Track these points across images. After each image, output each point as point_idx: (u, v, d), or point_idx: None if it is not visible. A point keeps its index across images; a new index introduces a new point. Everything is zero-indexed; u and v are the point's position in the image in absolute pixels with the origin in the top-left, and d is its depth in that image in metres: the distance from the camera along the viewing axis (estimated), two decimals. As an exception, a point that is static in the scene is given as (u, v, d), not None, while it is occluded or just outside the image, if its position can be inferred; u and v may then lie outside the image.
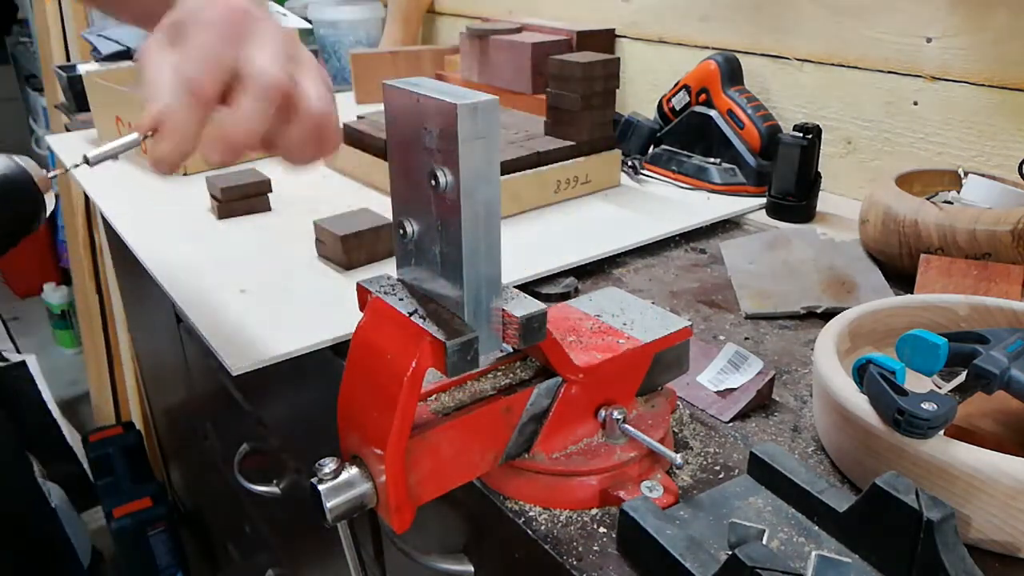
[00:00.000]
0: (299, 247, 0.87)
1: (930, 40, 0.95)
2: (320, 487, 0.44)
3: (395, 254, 0.48)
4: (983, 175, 0.84)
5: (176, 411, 1.64)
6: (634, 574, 0.45)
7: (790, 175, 0.95)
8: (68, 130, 1.49)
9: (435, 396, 0.50)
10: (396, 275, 0.48)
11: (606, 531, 0.48)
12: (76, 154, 0.88)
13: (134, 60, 0.48)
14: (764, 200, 1.00)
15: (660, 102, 1.14)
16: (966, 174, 0.86)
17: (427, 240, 0.44)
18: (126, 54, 1.67)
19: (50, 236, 3.15)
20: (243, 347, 0.67)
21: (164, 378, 1.62)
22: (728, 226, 0.98)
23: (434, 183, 0.41)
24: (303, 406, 0.89)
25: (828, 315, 0.70)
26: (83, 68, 1.55)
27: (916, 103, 0.98)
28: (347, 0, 1.77)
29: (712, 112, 1.06)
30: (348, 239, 0.80)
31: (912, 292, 0.73)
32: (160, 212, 1.02)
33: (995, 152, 0.92)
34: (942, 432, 0.45)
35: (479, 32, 1.38)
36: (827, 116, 1.08)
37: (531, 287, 0.78)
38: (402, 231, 0.45)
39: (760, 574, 0.37)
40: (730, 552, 0.39)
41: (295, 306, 0.74)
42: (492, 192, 0.41)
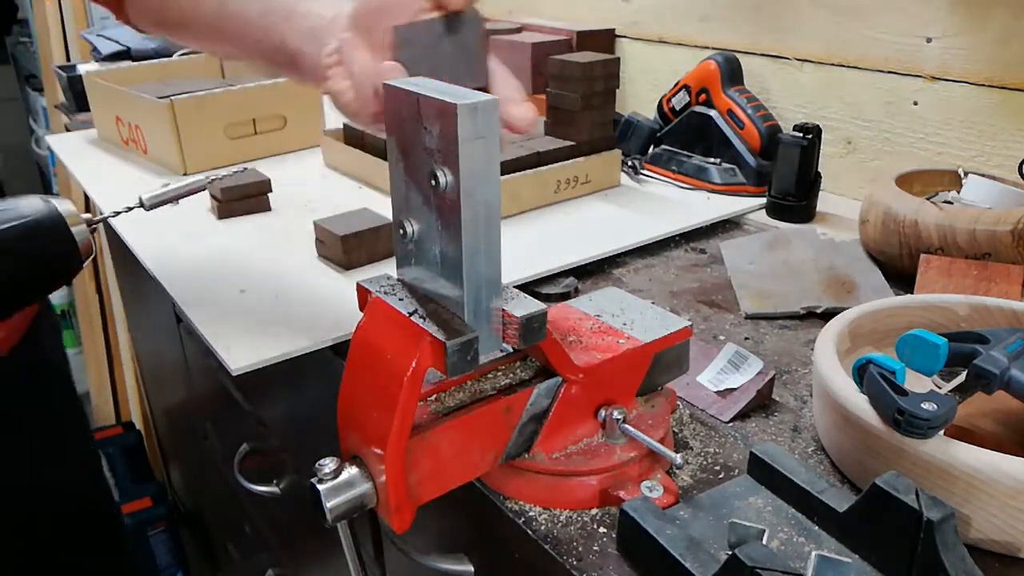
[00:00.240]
0: (299, 247, 0.87)
1: (930, 40, 0.95)
2: (320, 487, 0.44)
3: (395, 254, 0.48)
4: (983, 175, 0.84)
5: (176, 411, 1.64)
6: (634, 574, 0.45)
7: (790, 175, 0.95)
8: (68, 130, 1.49)
9: (435, 396, 0.50)
10: (396, 275, 0.48)
11: (606, 531, 0.48)
12: (76, 155, 0.88)
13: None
14: (764, 200, 1.00)
15: (660, 102, 1.14)
16: (966, 174, 0.86)
17: (427, 240, 0.44)
18: (126, 54, 1.67)
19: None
20: (243, 347, 0.67)
21: (164, 378, 1.62)
22: (728, 226, 0.98)
23: (434, 183, 0.41)
24: (303, 406, 0.89)
25: (828, 315, 0.71)
26: (83, 68, 1.55)
27: (916, 103, 0.98)
28: (347, 0, 1.77)
29: (712, 112, 1.06)
30: (348, 239, 0.80)
31: (912, 292, 0.73)
32: (160, 212, 1.01)
33: (995, 152, 0.92)
34: (942, 432, 0.45)
35: (479, 32, 1.38)
36: (827, 116, 1.08)
37: (531, 287, 0.78)
38: (402, 231, 0.45)
39: (760, 574, 0.37)
40: (730, 552, 0.39)
41: (295, 306, 0.74)
42: (492, 192, 0.41)
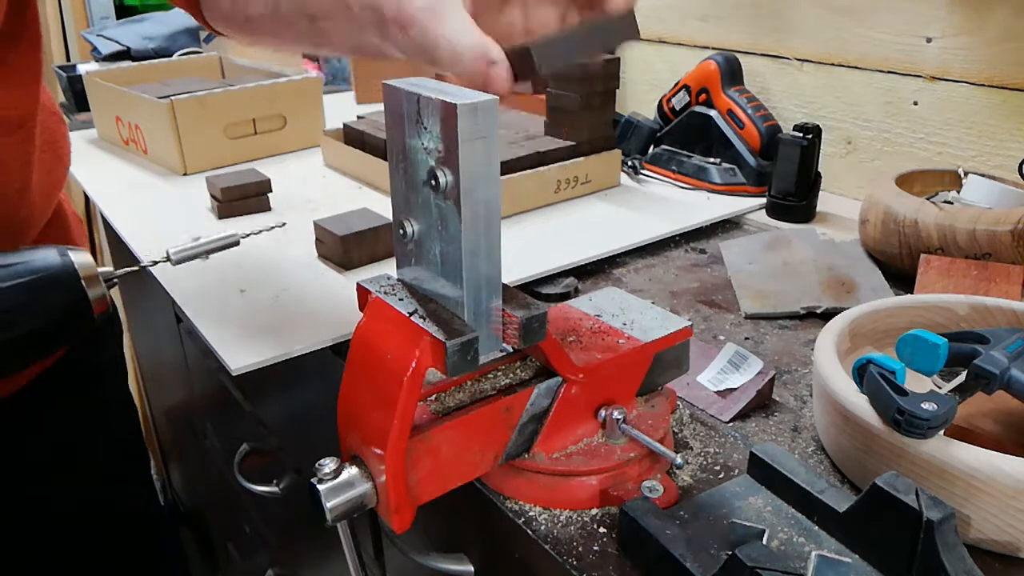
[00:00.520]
0: (299, 247, 0.87)
1: (930, 40, 0.95)
2: (320, 487, 0.44)
3: (395, 254, 0.48)
4: (983, 175, 0.84)
5: (176, 411, 1.64)
6: (634, 574, 0.45)
7: (790, 175, 0.95)
8: (68, 130, 1.49)
9: (435, 396, 0.50)
10: (396, 275, 0.48)
11: (606, 531, 0.48)
12: (76, 155, 0.88)
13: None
14: (764, 200, 1.00)
15: (660, 102, 1.14)
16: (966, 174, 0.86)
17: (427, 240, 0.44)
18: (126, 54, 1.68)
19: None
20: (243, 347, 0.67)
21: (164, 378, 1.62)
22: (728, 226, 0.98)
23: (434, 183, 0.41)
24: (303, 406, 0.89)
25: (828, 315, 0.71)
26: (83, 68, 1.55)
27: (916, 103, 0.98)
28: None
29: (712, 112, 1.06)
30: (348, 239, 0.80)
31: (912, 292, 0.73)
32: (160, 212, 1.02)
33: (995, 152, 0.92)
34: (942, 432, 0.45)
35: (479, 32, 1.38)
36: (827, 116, 1.08)
37: (531, 287, 0.78)
38: (402, 231, 0.45)
39: (760, 574, 0.37)
40: (730, 552, 0.39)
41: (295, 306, 0.74)
42: (492, 192, 0.41)
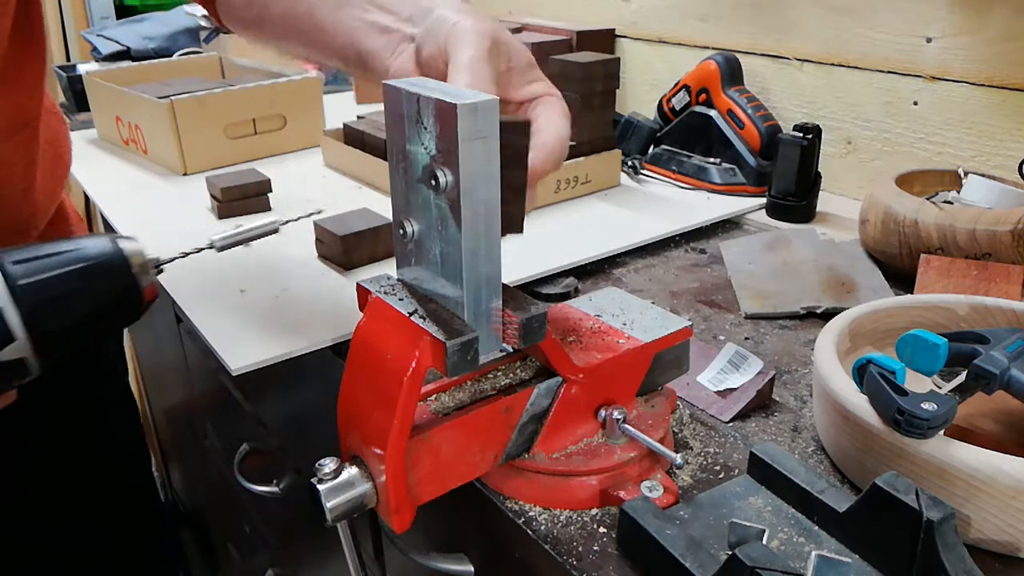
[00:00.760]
0: (299, 247, 0.87)
1: (930, 40, 0.95)
2: (320, 487, 0.44)
3: (395, 254, 0.48)
4: (983, 175, 0.84)
5: (176, 411, 1.64)
6: (634, 574, 0.45)
7: (790, 175, 0.95)
8: (69, 132, 1.49)
9: (435, 396, 0.50)
10: (396, 275, 0.48)
11: (606, 531, 0.48)
12: (76, 155, 0.88)
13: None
14: (764, 200, 1.00)
15: (660, 102, 1.14)
16: (966, 174, 0.86)
17: (427, 240, 0.44)
18: (126, 54, 1.67)
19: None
20: (243, 347, 0.67)
21: (164, 378, 1.62)
22: (728, 226, 0.98)
23: (434, 183, 0.41)
24: (303, 406, 0.89)
25: (828, 315, 0.71)
26: (83, 68, 1.55)
27: (916, 103, 0.98)
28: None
29: (712, 112, 1.06)
30: (348, 239, 0.80)
31: (912, 292, 0.73)
32: (160, 212, 1.02)
33: (995, 152, 0.92)
34: (942, 432, 0.45)
35: (479, 32, 1.38)
36: (827, 116, 1.08)
37: (531, 287, 0.78)
38: (402, 231, 0.45)
39: (760, 574, 0.37)
40: (730, 552, 0.39)
41: (295, 306, 0.74)
42: (492, 192, 0.41)
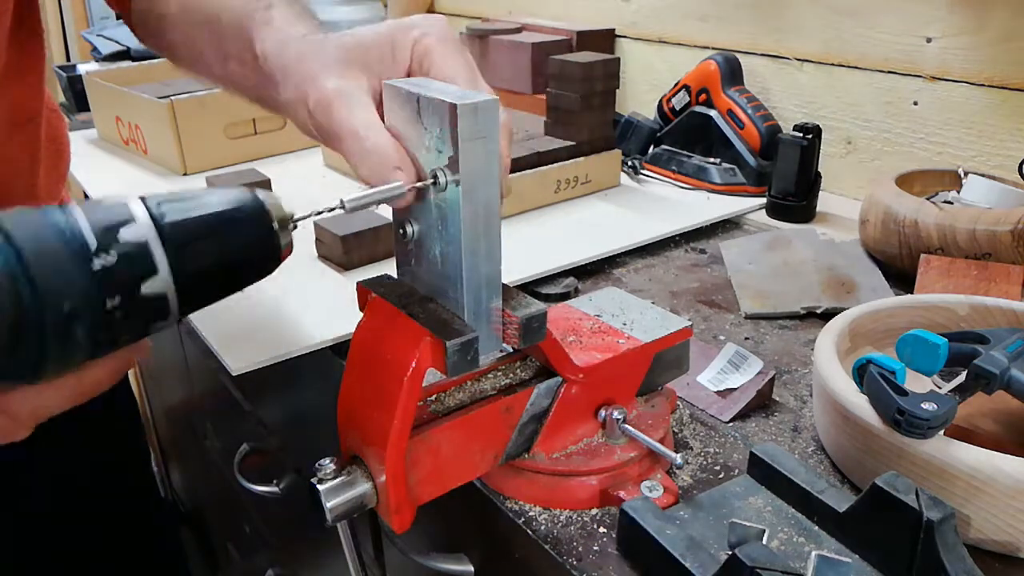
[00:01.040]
0: (299, 247, 0.87)
1: (930, 40, 0.95)
2: (320, 487, 0.44)
3: (395, 254, 0.48)
4: (983, 175, 0.84)
5: (176, 411, 1.64)
6: (634, 574, 0.45)
7: (790, 175, 0.95)
8: (68, 130, 1.49)
9: (435, 396, 0.50)
10: (396, 275, 0.48)
11: (606, 531, 0.48)
12: (76, 155, 0.88)
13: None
14: (764, 200, 1.00)
15: (660, 102, 1.14)
16: (966, 174, 0.86)
17: (427, 240, 0.44)
18: (126, 54, 1.67)
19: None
20: (243, 347, 0.67)
21: (164, 378, 1.62)
22: (728, 226, 0.98)
23: (434, 183, 0.41)
24: (303, 406, 0.89)
25: (828, 315, 0.70)
26: (83, 68, 1.55)
27: (916, 103, 0.98)
28: (347, 0, 1.77)
29: (712, 112, 1.06)
30: (348, 239, 0.80)
31: (912, 292, 0.73)
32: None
33: (995, 152, 0.92)
34: (942, 432, 0.45)
35: (479, 32, 1.38)
36: (827, 116, 1.08)
37: (531, 287, 0.78)
38: (402, 231, 0.45)
39: (760, 574, 0.37)
40: (730, 552, 0.39)
41: (295, 306, 0.74)
42: (492, 192, 0.41)
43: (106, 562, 0.86)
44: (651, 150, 1.14)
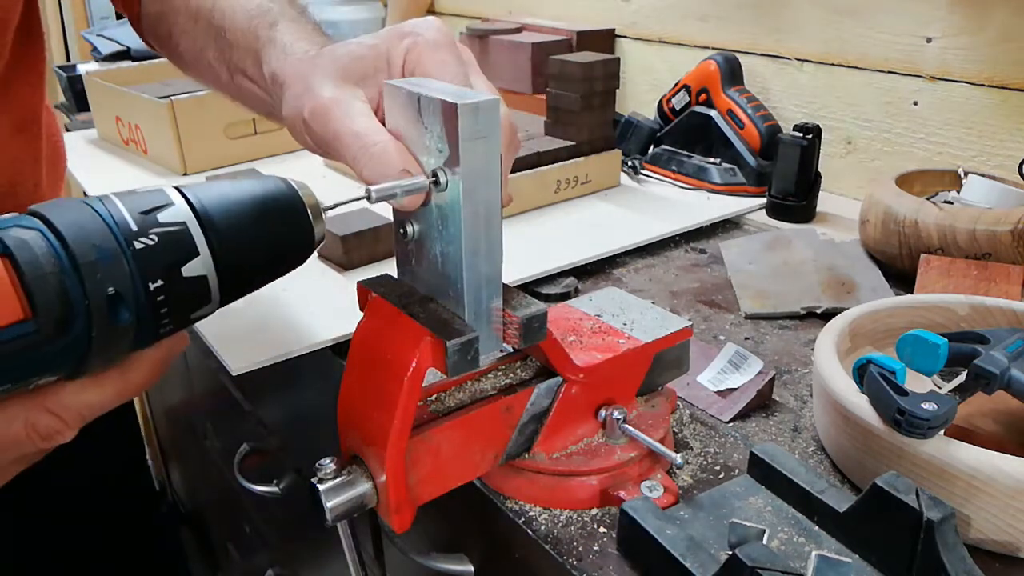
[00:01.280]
0: (299, 247, 0.87)
1: (930, 40, 0.95)
2: (320, 487, 0.44)
3: (395, 254, 0.48)
4: (983, 175, 0.84)
5: (176, 411, 1.64)
6: (634, 574, 0.45)
7: (790, 175, 0.95)
8: (68, 130, 1.49)
9: (435, 396, 0.50)
10: (396, 275, 0.48)
11: (606, 531, 0.48)
12: (76, 155, 0.88)
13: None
14: (764, 200, 1.00)
15: (660, 102, 1.14)
16: (966, 174, 0.86)
17: (427, 240, 0.44)
18: (126, 54, 1.67)
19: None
20: (243, 347, 0.67)
21: (164, 378, 1.61)
22: (728, 226, 0.98)
23: (434, 182, 0.41)
24: (303, 406, 0.89)
25: (828, 315, 0.70)
26: (83, 68, 1.55)
27: (916, 103, 0.98)
28: (347, 0, 1.77)
29: (712, 112, 1.06)
30: (348, 239, 0.80)
31: (912, 292, 0.73)
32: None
33: (995, 152, 0.92)
34: (942, 432, 0.45)
35: (479, 32, 1.38)
36: (827, 116, 1.08)
37: (531, 287, 0.78)
38: (402, 231, 0.45)
39: (760, 574, 0.37)
40: (730, 552, 0.39)
41: (295, 306, 0.74)
42: (492, 192, 0.41)
43: (106, 562, 0.86)
44: (651, 150, 1.14)
